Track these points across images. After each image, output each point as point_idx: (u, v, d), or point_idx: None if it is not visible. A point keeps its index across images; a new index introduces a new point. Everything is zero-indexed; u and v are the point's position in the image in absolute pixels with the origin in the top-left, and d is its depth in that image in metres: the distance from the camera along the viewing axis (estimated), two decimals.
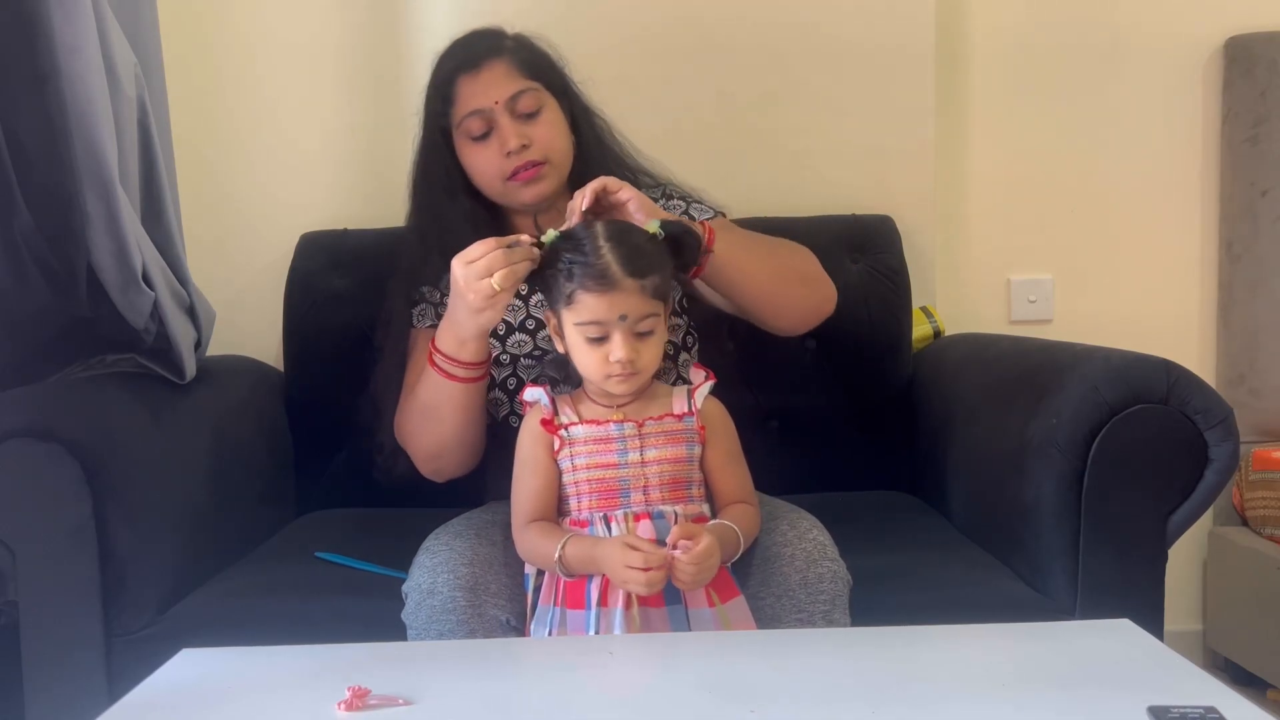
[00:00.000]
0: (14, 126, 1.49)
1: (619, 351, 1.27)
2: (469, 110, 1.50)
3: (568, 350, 1.33)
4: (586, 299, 1.27)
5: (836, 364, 2.03)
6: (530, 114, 1.51)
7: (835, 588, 1.33)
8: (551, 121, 1.53)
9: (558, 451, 1.32)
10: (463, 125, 1.51)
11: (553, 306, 1.33)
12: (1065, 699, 1.00)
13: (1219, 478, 1.46)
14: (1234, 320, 2.28)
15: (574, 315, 1.28)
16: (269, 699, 1.05)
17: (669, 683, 1.09)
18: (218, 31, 2.15)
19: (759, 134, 2.17)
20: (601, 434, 1.31)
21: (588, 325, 1.28)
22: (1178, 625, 2.15)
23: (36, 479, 1.44)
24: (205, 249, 2.08)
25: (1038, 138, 2.29)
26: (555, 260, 1.30)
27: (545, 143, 1.52)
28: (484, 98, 1.49)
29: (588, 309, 1.27)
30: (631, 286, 1.26)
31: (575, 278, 1.27)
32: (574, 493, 1.32)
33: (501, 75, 1.50)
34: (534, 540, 1.31)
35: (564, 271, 1.28)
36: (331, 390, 2.00)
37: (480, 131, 1.51)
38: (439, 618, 1.30)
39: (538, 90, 1.52)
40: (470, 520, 1.45)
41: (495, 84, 1.50)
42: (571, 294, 1.27)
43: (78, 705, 1.41)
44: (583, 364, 1.31)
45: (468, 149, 1.53)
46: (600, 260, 1.26)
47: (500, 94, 1.49)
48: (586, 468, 1.31)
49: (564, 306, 1.29)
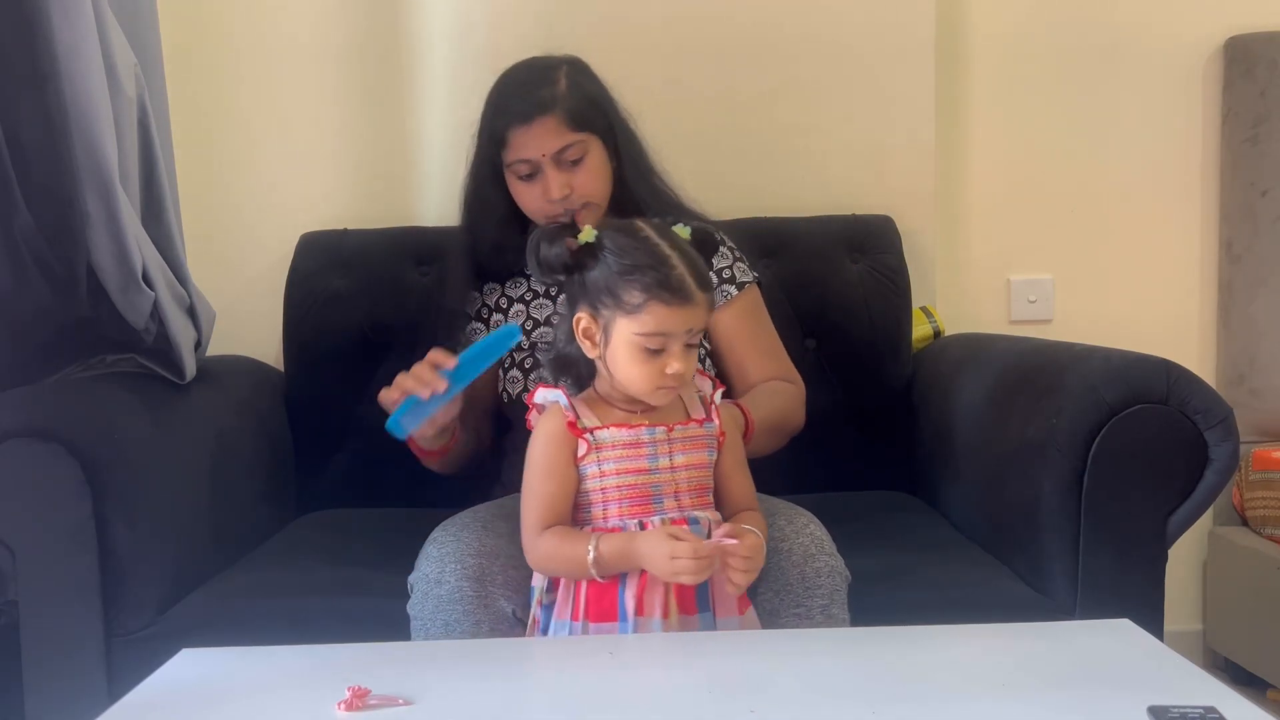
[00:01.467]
0: (14, 126, 1.49)
1: (677, 365, 1.23)
2: (519, 158, 1.59)
3: (607, 357, 1.26)
4: (659, 311, 1.21)
5: (836, 364, 2.03)
6: (575, 161, 1.59)
7: (833, 583, 1.33)
8: (593, 169, 1.61)
9: (582, 457, 1.26)
10: (512, 166, 1.61)
11: (596, 312, 1.26)
12: (1065, 699, 1.00)
13: (1219, 478, 1.46)
14: (1234, 320, 2.28)
15: (637, 325, 1.22)
16: (269, 699, 1.05)
17: (669, 683, 1.09)
18: (218, 31, 2.16)
19: (759, 134, 2.17)
20: (632, 438, 1.26)
21: (652, 337, 1.22)
22: (1178, 625, 2.15)
23: (36, 479, 1.44)
24: (205, 249, 2.08)
25: (1038, 137, 2.29)
26: (605, 264, 1.24)
27: (586, 189, 1.61)
28: (533, 150, 1.58)
29: (657, 321, 1.21)
30: (702, 301, 1.24)
31: (651, 289, 1.21)
32: (599, 500, 1.27)
33: (551, 131, 1.57)
34: (554, 545, 1.25)
35: (634, 281, 1.22)
36: (331, 390, 2.01)
37: (527, 173, 1.60)
38: (445, 608, 1.31)
39: (584, 140, 1.60)
40: (477, 513, 1.46)
41: (545, 138, 1.57)
42: (642, 305, 1.21)
43: (78, 705, 1.41)
44: (630, 374, 1.25)
45: (516, 185, 1.63)
46: (675, 272, 1.22)
47: (549, 148, 1.57)
48: (616, 473, 1.26)
49: (624, 315, 1.23)
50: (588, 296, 1.26)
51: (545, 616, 1.29)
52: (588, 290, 1.26)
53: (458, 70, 2.13)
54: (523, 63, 1.66)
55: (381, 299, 2.01)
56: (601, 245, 1.26)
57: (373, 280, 2.03)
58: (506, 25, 2.11)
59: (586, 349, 1.28)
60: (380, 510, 1.92)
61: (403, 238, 2.08)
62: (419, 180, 2.17)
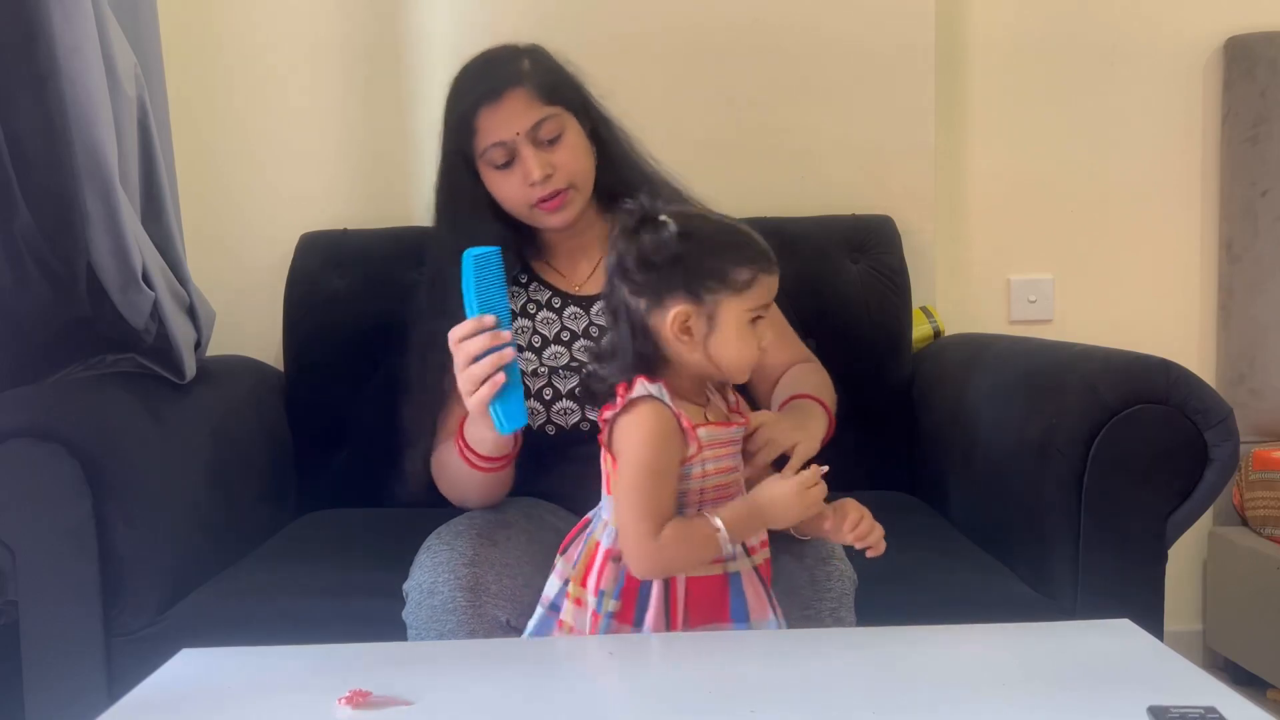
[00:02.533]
0: (14, 126, 1.49)
1: (768, 336, 1.22)
2: (491, 142, 1.48)
3: (711, 344, 1.19)
4: (768, 282, 1.19)
5: (836, 364, 2.02)
6: (552, 139, 1.50)
7: (842, 586, 1.33)
8: (573, 145, 1.51)
9: (692, 457, 1.19)
10: (486, 155, 1.50)
11: (699, 299, 1.18)
12: (1065, 699, 1.00)
13: (1219, 478, 1.46)
14: (1234, 320, 2.28)
15: (749, 302, 1.18)
16: (269, 699, 1.05)
17: (669, 683, 1.09)
18: (218, 31, 2.16)
19: (759, 134, 2.17)
20: (728, 436, 1.24)
21: (758, 310, 1.19)
22: (1178, 625, 2.15)
23: (36, 479, 1.44)
24: (205, 249, 2.08)
25: (1038, 138, 2.29)
26: (697, 247, 1.18)
27: (568, 169, 1.51)
28: (505, 129, 1.48)
29: (766, 292, 1.20)
30: (777, 271, 1.23)
31: (757, 261, 1.18)
32: (695, 499, 1.21)
33: (522, 105, 1.48)
34: (679, 537, 1.17)
35: (741, 258, 1.18)
36: (331, 390, 2.01)
37: (503, 161, 1.50)
38: (439, 617, 1.30)
39: (558, 114, 1.50)
40: (472, 520, 1.45)
41: (516, 114, 1.47)
42: (753, 279, 1.18)
43: (78, 705, 1.41)
44: (739, 354, 1.19)
45: (492, 177, 1.52)
46: (762, 243, 1.22)
47: (522, 124, 1.48)
48: (717, 472, 1.22)
49: (734, 294, 1.18)
50: (684, 285, 1.18)
51: (606, 627, 1.23)
52: (686, 278, 1.18)
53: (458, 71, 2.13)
54: (480, 53, 1.56)
55: (381, 299, 2.01)
56: (690, 231, 1.19)
57: (373, 280, 2.03)
58: (506, 26, 2.09)
59: (681, 343, 1.19)
60: (380, 510, 1.91)
61: (403, 238, 2.08)
62: (419, 180, 2.17)
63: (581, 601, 1.24)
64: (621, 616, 1.21)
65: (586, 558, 1.25)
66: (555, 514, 1.53)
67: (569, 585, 1.26)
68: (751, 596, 1.23)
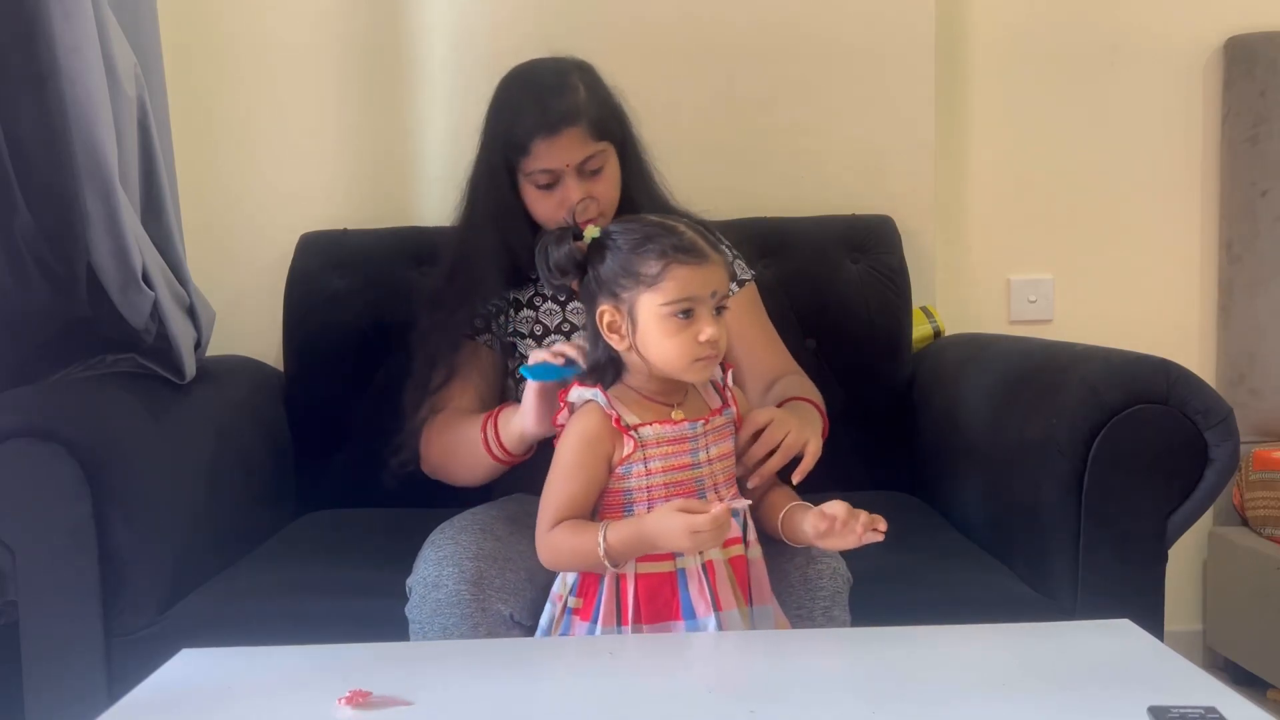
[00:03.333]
0: (14, 126, 1.49)
1: (710, 330, 1.22)
2: (540, 168, 1.54)
3: (638, 343, 1.24)
4: (681, 273, 1.21)
5: (836, 364, 2.03)
6: (595, 171, 1.56)
7: (835, 584, 1.33)
8: (610, 178, 1.58)
9: (627, 456, 1.24)
10: (531, 175, 1.56)
11: (617, 299, 1.24)
12: (1065, 699, 1.00)
13: (1219, 478, 1.46)
14: (1234, 320, 2.28)
15: (661, 296, 1.21)
16: (269, 699, 1.05)
17: (669, 683, 1.09)
18: (218, 31, 2.16)
19: (759, 134, 2.17)
20: (677, 434, 1.25)
21: (679, 303, 1.21)
22: (1178, 625, 2.15)
23: (36, 479, 1.44)
24: (205, 249, 2.08)
25: (1038, 138, 2.29)
26: (614, 249, 1.24)
27: (605, 199, 1.57)
28: (557, 160, 1.53)
29: (681, 285, 1.21)
30: (718, 260, 1.24)
31: (667, 254, 1.21)
32: (644, 498, 1.24)
33: (577, 141, 1.53)
34: (564, 539, 1.23)
35: (648, 252, 1.22)
36: (331, 390, 2.01)
37: (546, 183, 1.55)
38: (443, 611, 1.31)
39: (605, 150, 1.57)
40: (476, 515, 1.46)
41: (570, 150, 1.53)
42: (661, 271, 1.21)
43: (78, 705, 1.41)
44: (665, 351, 1.23)
45: (532, 193, 1.58)
46: (686, 236, 1.23)
47: (573, 159, 1.53)
48: (663, 470, 1.24)
49: (646, 289, 1.22)
50: (604, 287, 1.25)
51: (567, 622, 1.27)
52: (603, 281, 1.25)
53: (458, 71, 2.13)
54: (532, 65, 1.61)
55: (381, 299, 2.01)
56: (608, 235, 1.26)
57: (373, 280, 2.03)
58: (507, 26, 2.11)
59: (614, 343, 1.25)
60: (380, 510, 1.91)
61: (403, 238, 2.08)
62: (419, 180, 2.17)
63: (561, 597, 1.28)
64: (581, 612, 1.26)
65: None
66: None
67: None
68: (695, 593, 1.23)
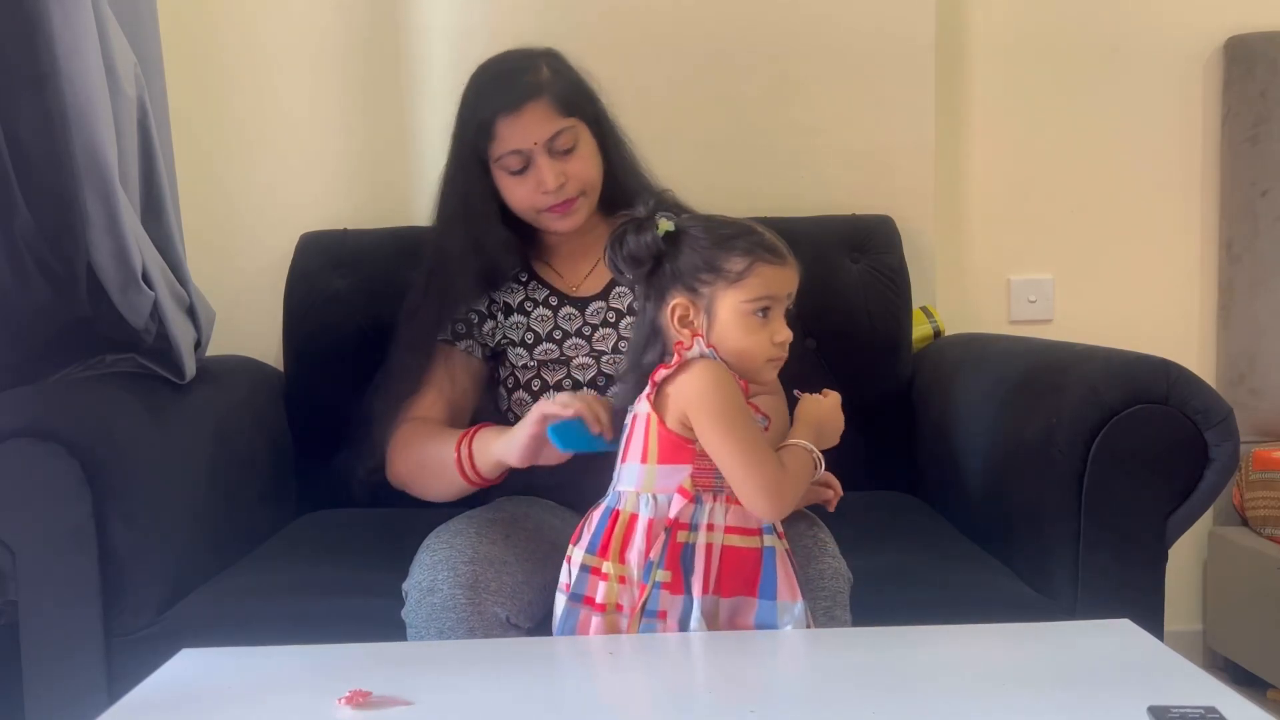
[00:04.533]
0: (14, 126, 1.49)
1: (785, 332, 1.24)
2: (509, 149, 1.52)
3: (714, 337, 1.24)
4: (766, 271, 1.22)
5: (836, 364, 2.03)
6: (567, 150, 1.54)
7: (836, 584, 1.33)
8: (586, 156, 1.56)
9: None
10: (501, 160, 1.54)
11: (695, 293, 1.24)
12: (1065, 699, 1.00)
13: (1219, 478, 1.47)
14: (1234, 320, 2.28)
15: (745, 292, 1.22)
16: (269, 699, 1.05)
17: (669, 683, 1.09)
18: (218, 31, 2.16)
19: (759, 134, 2.17)
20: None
21: (761, 300, 1.23)
22: (1178, 625, 2.15)
23: (36, 479, 1.44)
24: (205, 249, 2.08)
25: (1038, 138, 2.29)
26: (694, 243, 1.24)
27: (580, 178, 1.55)
28: (523, 139, 1.51)
29: (764, 283, 1.22)
30: (795, 264, 1.26)
31: (753, 251, 1.23)
32: None
33: (541, 116, 1.51)
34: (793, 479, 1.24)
35: (733, 248, 1.23)
36: (331, 390, 2.01)
37: (518, 167, 1.53)
38: (439, 615, 1.30)
39: (574, 126, 1.54)
40: (471, 519, 1.45)
41: (535, 125, 1.51)
42: (747, 269, 1.22)
43: (78, 705, 1.41)
44: (744, 347, 1.23)
45: (505, 180, 1.56)
46: (767, 235, 1.25)
47: (540, 135, 1.51)
48: None
49: (727, 285, 1.23)
50: (681, 280, 1.24)
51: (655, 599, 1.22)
52: (681, 274, 1.24)
53: (458, 71, 2.10)
54: (498, 55, 1.60)
55: (381, 299, 2.00)
56: (686, 229, 1.25)
57: (373, 280, 2.03)
58: (506, 26, 2.11)
59: (682, 336, 1.24)
60: (380, 510, 1.91)
61: (403, 238, 2.07)
62: (419, 180, 2.17)
63: (625, 578, 1.22)
64: (671, 586, 1.21)
65: (621, 533, 1.23)
66: (552, 511, 1.54)
67: (605, 565, 1.23)
68: (782, 576, 1.23)
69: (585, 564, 1.25)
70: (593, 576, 1.24)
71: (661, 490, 1.23)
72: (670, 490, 1.22)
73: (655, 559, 1.21)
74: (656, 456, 1.23)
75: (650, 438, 1.24)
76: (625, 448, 1.27)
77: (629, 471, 1.25)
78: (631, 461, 1.25)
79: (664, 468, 1.23)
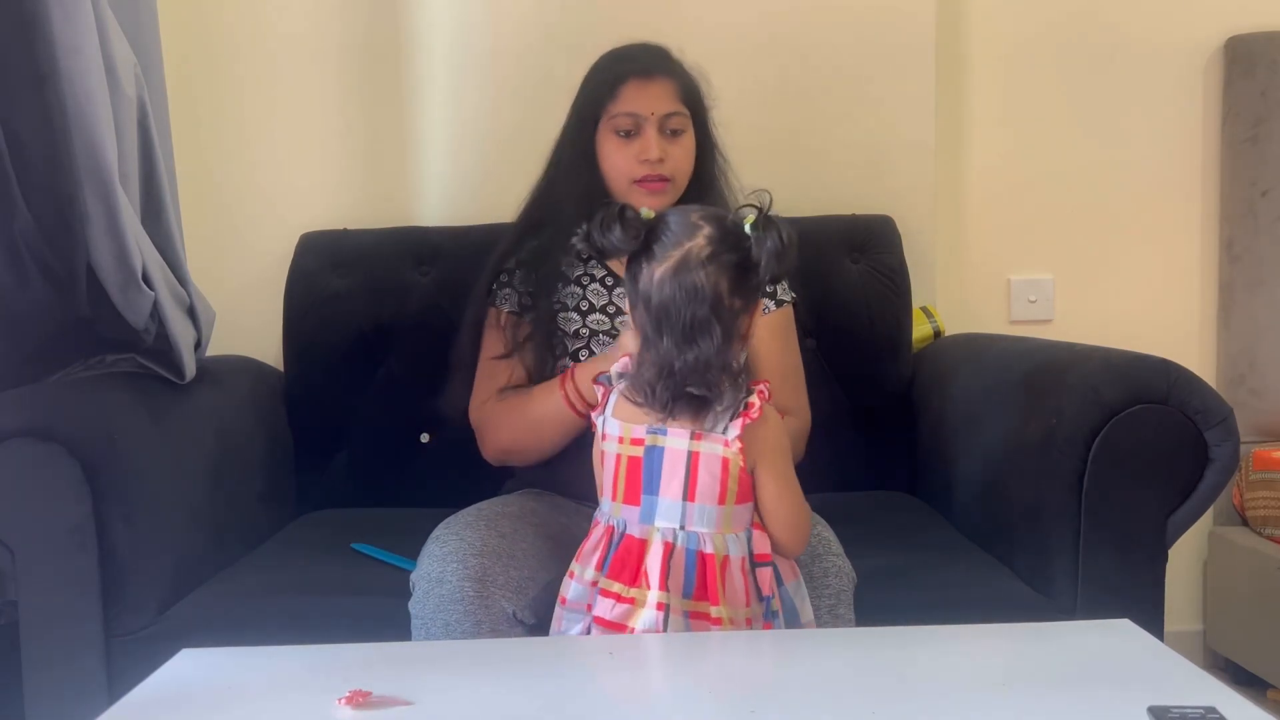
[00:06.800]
0: (14, 126, 1.49)
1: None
2: (627, 110, 1.58)
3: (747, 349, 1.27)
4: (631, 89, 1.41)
5: (836, 364, 2.03)
6: (675, 132, 1.60)
7: (840, 583, 1.34)
8: (688, 147, 1.62)
9: None
10: (615, 119, 1.59)
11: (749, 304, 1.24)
12: (1065, 699, 1.00)
13: (1219, 478, 1.47)
14: (1234, 320, 2.28)
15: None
16: (269, 699, 1.05)
17: (669, 683, 1.09)
18: (218, 31, 2.16)
19: (759, 134, 2.16)
20: None
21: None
22: (1178, 625, 2.15)
23: (36, 479, 1.44)
24: (205, 249, 2.08)
25: (1038, 137, 2.29)
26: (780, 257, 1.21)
27: (678, 163, 1.60)
28: (644, 105, 1.58)
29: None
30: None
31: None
32: None
33: (666, 92, 1.60)
34: None
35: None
36: (331, 390, 2.01)
37: (628, 127, 1.59)
38: (446, 607, 1.31)
39: (686, 116, 1.61)
40: (481, 511, 1.46)
41: (658, 97, 1.59)
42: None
43: (78, 705, 1.41)
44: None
45: (610, 142, 1.60)
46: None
47: (659, 107, 1.58)
48: None
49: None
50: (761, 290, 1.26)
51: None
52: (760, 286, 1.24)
53: (458, 70, 2.13)
54: (631, 43, 1.67)
55: (381, 299, 2.02)
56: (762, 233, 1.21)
57: (373, 280, 2.03)
58: (506, 26, 2.11)
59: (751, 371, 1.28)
60: (380, 510, 1.92)
61: (403, 238, 2.08)
62: (419, 180, 2.17)
63: (734, 620, 1.21)
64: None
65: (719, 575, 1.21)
66: (560, 506, 1.55)
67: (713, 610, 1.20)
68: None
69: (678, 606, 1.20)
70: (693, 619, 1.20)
71: (738, 528, 1.23)
72: (745, 526, 1.24)
73: (773, 594, 1.23)
74: (735, 497, 1.23)
75: (730, 479, 1.22)
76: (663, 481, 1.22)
77: (701, 513, 1.21)
78: (703, 502, 1.22)
79: (740, 507, 1.23)
